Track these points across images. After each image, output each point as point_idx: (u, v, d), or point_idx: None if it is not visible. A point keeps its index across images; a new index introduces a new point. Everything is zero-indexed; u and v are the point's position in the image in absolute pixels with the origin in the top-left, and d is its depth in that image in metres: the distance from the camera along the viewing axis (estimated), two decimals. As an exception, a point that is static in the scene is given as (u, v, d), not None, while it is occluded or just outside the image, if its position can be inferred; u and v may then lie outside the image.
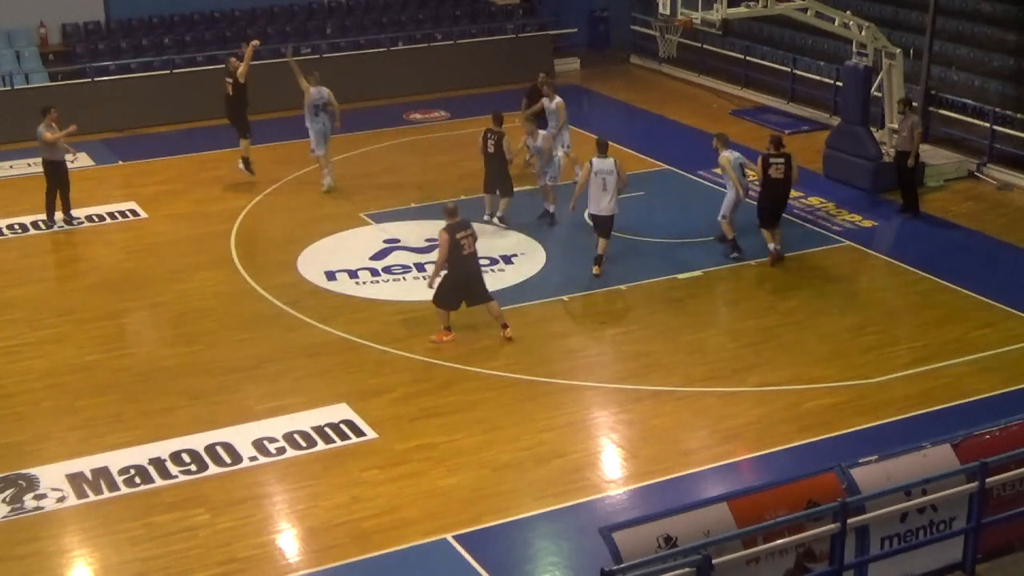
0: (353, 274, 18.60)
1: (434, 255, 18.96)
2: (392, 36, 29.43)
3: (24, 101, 25.34)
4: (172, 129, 24.11)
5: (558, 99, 21.37)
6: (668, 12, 21.74)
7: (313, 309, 17.43)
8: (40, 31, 27.80)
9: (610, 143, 18.42)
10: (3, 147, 24.31)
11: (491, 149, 19.94)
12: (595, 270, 18.34)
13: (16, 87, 26.05)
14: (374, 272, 18.67)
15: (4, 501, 12.84)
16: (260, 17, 29.49)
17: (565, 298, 17.75)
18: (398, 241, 19.81)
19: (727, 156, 18.70)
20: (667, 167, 21.55)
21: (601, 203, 17.99)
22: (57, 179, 20.71)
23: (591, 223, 18.55)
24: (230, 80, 22.27)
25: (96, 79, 26.47)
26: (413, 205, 21.48)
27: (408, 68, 28.77)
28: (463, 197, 21.74)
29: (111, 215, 21.35)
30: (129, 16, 28.56)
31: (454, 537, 12.20)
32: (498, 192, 20.24)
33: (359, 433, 14.15)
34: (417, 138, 25.26)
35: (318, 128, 21.75)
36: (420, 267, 18.75)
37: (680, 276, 18.33)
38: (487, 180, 20.29)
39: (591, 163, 18.00)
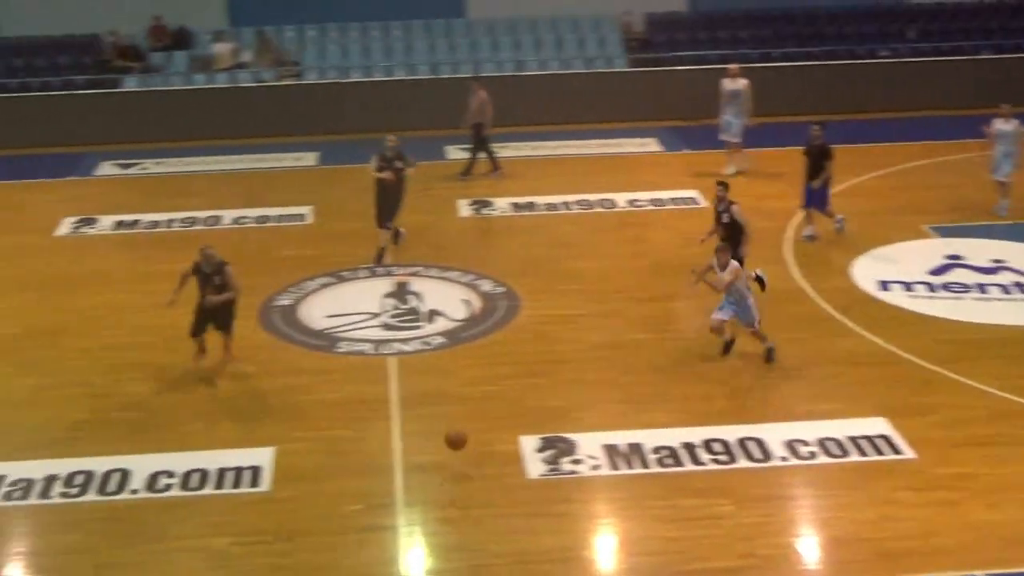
0: (908, 287, 17.97)
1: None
2: None
3: (601, 86, 27.00)
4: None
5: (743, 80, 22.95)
6: None
7: (861, 316, 16.99)
8: (624, 19, 29.24)
9: None
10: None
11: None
12: None
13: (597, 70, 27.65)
14: (931, 287, 17.93)
15: (544, 460, 13.53)
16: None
17: None
18: (960, 258, 18.88)
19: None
20: None
21: None
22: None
23: None
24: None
25: (673, 67, 27.45)
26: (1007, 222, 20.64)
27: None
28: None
29: (673, 200, 22.21)
30: (710, 9, 29.27)
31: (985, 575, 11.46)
32: None
33: (896, 451, 13.60)
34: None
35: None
36: (982, 288, 17.76)
37: None
38: None
39: None
